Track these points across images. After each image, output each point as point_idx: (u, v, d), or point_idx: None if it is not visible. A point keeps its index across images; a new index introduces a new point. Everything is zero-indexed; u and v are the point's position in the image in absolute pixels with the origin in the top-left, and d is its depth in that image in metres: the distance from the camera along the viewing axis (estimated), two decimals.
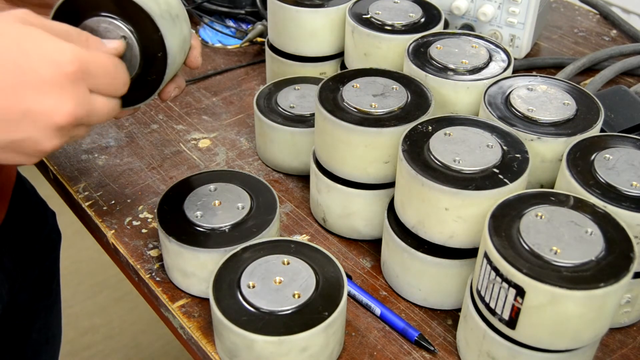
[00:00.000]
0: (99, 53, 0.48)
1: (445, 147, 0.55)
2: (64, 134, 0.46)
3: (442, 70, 0.65)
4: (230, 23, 1.00)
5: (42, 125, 0.45)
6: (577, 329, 0.47)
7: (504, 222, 0.50)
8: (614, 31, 1.03)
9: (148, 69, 0.54)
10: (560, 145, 0.57)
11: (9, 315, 0.83)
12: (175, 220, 0.59)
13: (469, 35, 0.70)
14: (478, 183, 0.53)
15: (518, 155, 0.55)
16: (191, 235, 0.58)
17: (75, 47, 0.45)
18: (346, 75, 0.65)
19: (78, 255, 1.80)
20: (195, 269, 0.58)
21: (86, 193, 0.71)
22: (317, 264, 0.55)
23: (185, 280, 0.59)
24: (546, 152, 0.58)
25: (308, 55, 0.79)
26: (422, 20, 0.73)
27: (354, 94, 0.62)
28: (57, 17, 0.52)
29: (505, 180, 0.53)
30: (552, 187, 0.58)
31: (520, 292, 0.46)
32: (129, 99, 0.54)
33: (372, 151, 0.60)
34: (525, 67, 0.91)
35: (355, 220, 0.65)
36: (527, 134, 0.57)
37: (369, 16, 0.73)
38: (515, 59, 0.89)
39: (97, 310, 1.68)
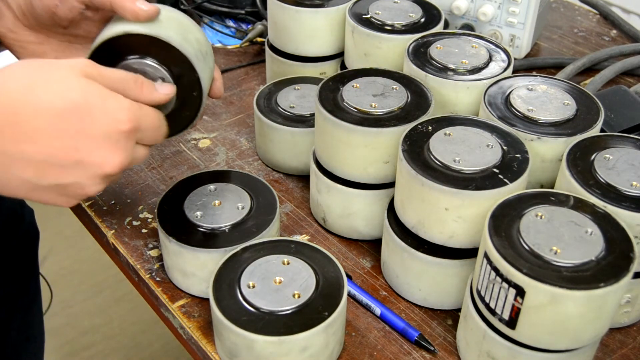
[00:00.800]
0: (150, 110, 0.51)
1: (445, 147, 0.55)
2: (108, 180, 0.49)
3: (442, 70, 0.65)
4: (230, 23, 1.00)
5: (91, 174, 0.48)
6: (577, 329, 0.47)
7: (504, 222, 0.50)
8: (614, 31, 1.03)
9: (182, 106, 0.56)
10: (560, 145, 0.57)
11: None
12: (175, 220, 0.59)
13: (469, 35, 0.70)
14: (478, 183, 0.53)
15: (518, 155, 0.55)
16: (191, 235, 0.58)
17: (132, 104, 0.49)
18: (346, 75, 0.65)
19: (78, 255, 1.80)
20: (195, 269, 0.58)
21: None
22: (317, 264, 0.55)
23: (185, 280, 0.59)
24: (546, 152, 0.58)
25: (308, 55, 0.79)
26: (422, 20, 0.73)
27: (354, 94, 0.62)
28: (94, 56, 0.54)
29: (505, 180, 0.53)
30: (552, 187, 0.58)
31: (520, 292, 0.46)
32: None
33: (372, 151, 0.60)
34: (525, 67, 0.91)
35: (355, 220, 0.65)
36: (527, 134, 0.57)
37: (369, 16, 0.73)
38: (515, 59, 0.89)
39: (97, 310, 1.68)
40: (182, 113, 0.57)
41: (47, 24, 0.59)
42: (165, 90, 0.53)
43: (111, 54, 0.54)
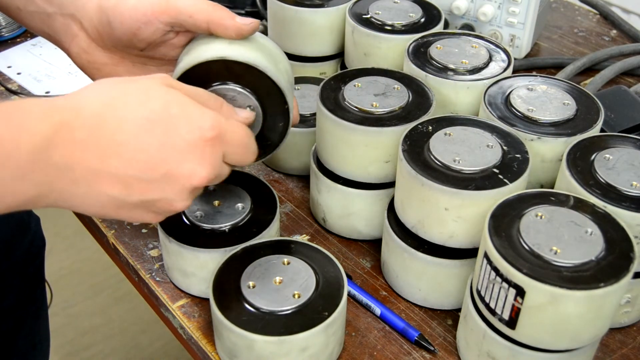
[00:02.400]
0: (236, 123, 0.49)
1: (446, 147, 0.55)
2: (195, 195, 0.48)
3: (442, 70, 0.65)
4: None
5: (180, 188, 0.46)
6: (577, 329, 0.47)
7: (504, 222, 0.50)
8: (614, 31, 1.03)
9: (266, 135, 0.55)
10: (560, 145, 0.57)
11: None
12: (175, 220, 0.59)
13: (469, 35, 0.70)
14: (478, 183, 0.53)
15: (518, 155, 0.55)
16: (191, 235, 0.58)
17: (215, 114, 0.47)
18: (348, 75, 0.65)
19: (78, 255, 1.80)
20: (195, 269, 0.58)
21: None
22: (317, 264, 0.55)
23: (185, 280, 0.59)
24: (546, 152, 0.58)
25: (308, 55, 0.79)
26: (422, 20, 0.73)
27: (355, 94, 0.62)
28: (181, 79, 0.53)
29: (505, 180, 0.53)
30: (552, 187, 0.58)
31: (520, 292, 0.46)
32: None
33: (372, 150, 0.60)
34: (525, 67, 0.91)
35: (355, 220, 0.65)
36: (527, 134, 0.57)
37: (369, 16, 0.73)
38: (515, 59, 0.89)
39: (97, 310, 1.68)
40: (265, 142, 0.56)
41: (125, 45, 0.56)
42: (245, 115, 0.52)
43: (198, 78, 0.52)
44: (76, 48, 0.58)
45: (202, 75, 0.52)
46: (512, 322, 0.48)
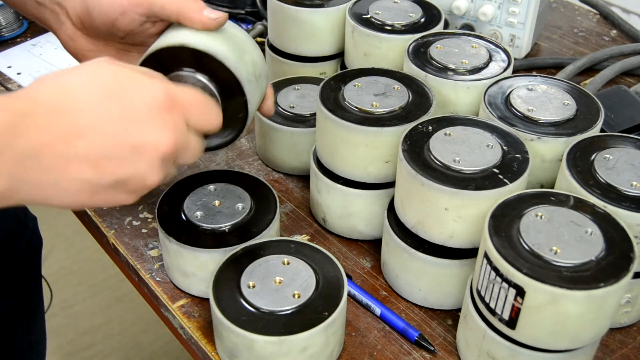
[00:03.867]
0: (187, 87, 0.50)
1: (445, 147, 0.55)
2: (166, 166, 0.47)
3: (442, 70, 0.65)
4: None
5: (149, 158, 0.45)
6: (577, 329, 0.47)
7: (504, 222, 0.50)
8: (614, 31, 1.03)
9: (226, 126, 0.55)
10: (560, 145, 0.57)
11: None
12: (175, 220, 0.59)
13: (469, 35, 0.70)
14: (478, 183, 0.53)
15: (518, 155, 0.55)
16: (191, 235, 0.58)
17: (164, 82, 0.47)
18: (348, 75, 0.65)
19: (78, 255, 1.80)
20: (195, 269, 0.58)
21: None
22: (317, 264, 0.55)
23: (185, 280, 0.59)
24: (546, 152, 0.58)
25: (308, 55, 0.79)
26: (422, 20, 0.73)
27: (356, 94, 0.62)
28: (145, 63, 0.54)
29: (505, 180, 0.53)
30: (552, 187, 0.58)
31: (520, 292, 0.46)
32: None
33: (372, 150, 0.60)
34: (525, 67, 0.91)
35: (355, 220, 0.65)
36: (527, 134, 0.57)
37: (369, 16, 0.73)
38: (515, 59, 0.89)
39: (97, 310, 1.68)
40: (224, 131, 0.56)
41: (106, 34, 0.59)
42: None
43: (163, 63, 0.54)
44: (64, 35, 0.61)
45: (166, 61, 0.54)
46: (512, 322, 0.48)
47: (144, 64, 0.54)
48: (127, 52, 0.62)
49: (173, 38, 0.54)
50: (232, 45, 0.55)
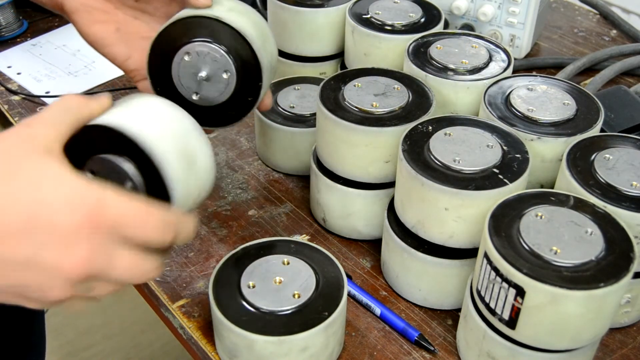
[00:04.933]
0: (128, 200, 0.41)
1: (445, 147, 0.55)
2: (76, 286, 0.40)
3: (442, 70, 0.65)
4: None
5: (49, 275, 0.39)
6: (577, 329, 0.47)
7: (504, 222, 0.50)
8: (614, 31, 1.03)
9: (233, 105, 0.56)
10: (560, 145, 0.57)
11: None
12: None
13: (469, 35, 0.70)
14: (478, 183, 0.53)
15: (518, 155, 0.55)
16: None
17: (98, 189, 0.40)
18: (348, 75, 0.65)
19: None
20: None
21: None
22: (317, 264, 0.55)
23: None
24: (546, 152, 0.58)
25: (308, 55, 0.79)
26: (422, 20, 0.73)
27: (356, 94, 0.62)
28: (153, 50, 0.55)
29: (505, 180, 0.53)
30: (552, 187, 0.58)
31: (520, 292, 0.46)
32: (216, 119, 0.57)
33: (372, 150, 0.60)
34: (525, 67, 0.91)
35: (355, 220, 0.65)
36: (527, 134, 0.57)
37: (369, 16, 0.73)
38: (515, 59, 0.89)
39: (97, 310, 1.68)
40: (228, 111, 0.56)
41: None
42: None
43: (184, 32, 0.54)
44: None
45: (188, 31, 0.54)
46: (512, 322, 0.48)
47: (153, 51, 0.54)
48: (135, 18, 0.60)
49: (205, 11, 0.54)
50: (258, 31, 0.55)
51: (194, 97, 0.55)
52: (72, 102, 0.45)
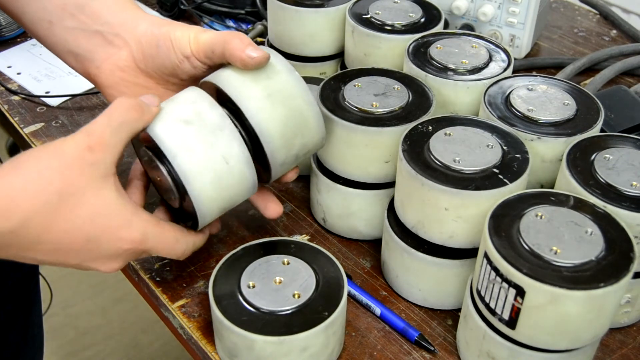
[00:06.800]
0: (165, 230, 0.52)
1: (445, 147, 0.55)
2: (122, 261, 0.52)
3: (442, 70, 0.65)
4: (230, 23, 1.00)
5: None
6: (577, 329, 0.47)
7: (504, 222, 0.50)
8: (614, 31, 1.03)
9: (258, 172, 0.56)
10: (560, 145, 0.57)
11: None
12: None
13: (469, 35, 0.70)
14: (478, 183, 0.53)
15: (518, 155, 0.55)
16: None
17: (142, 224, 0.50)
18: (348, 75, 0.65)
19: None
20: None
21: None
22: (317, 264, 0.55)
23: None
24: (546, 152, 0.58)
25: (308, 55, 0.79)
26: (422, 20, 0.73)
27: (356, 94, 0.62)
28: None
29: (505, 180, 0.53)
30: (552, 187, 0.58)
31: (520, 292, 0.46)
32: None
33: (372, 150, 0.60)
34: (525, 67, 0.91)
35: (355, 220, 0.65)
36: (527, 134, 0.57)
37: (369, 16, 0.73)
38: (515, 59, 0.89)
39: (97, 310, 1.68)
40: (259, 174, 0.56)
41: (165, 73, 0.58)
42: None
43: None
44: (110, 65, 0.58)
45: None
46: (512, 322, 0.48)
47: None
48: (170, 91, 0.59)
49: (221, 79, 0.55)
50: (292, 121, 0.54)
51: None
52: (130, 115, 0.50)
